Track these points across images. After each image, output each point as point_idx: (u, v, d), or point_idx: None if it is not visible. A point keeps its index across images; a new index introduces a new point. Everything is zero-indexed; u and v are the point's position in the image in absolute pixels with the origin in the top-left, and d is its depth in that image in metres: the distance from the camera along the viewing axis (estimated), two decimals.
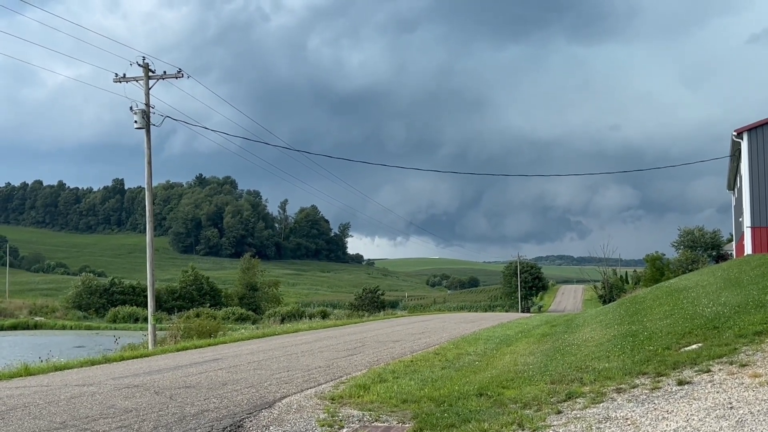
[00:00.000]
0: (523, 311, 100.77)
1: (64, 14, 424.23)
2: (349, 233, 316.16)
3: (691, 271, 44.76)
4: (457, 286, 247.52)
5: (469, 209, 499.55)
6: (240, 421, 9.56)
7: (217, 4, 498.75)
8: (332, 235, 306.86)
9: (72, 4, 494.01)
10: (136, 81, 28.93)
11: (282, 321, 62.71)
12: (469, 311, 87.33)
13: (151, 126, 28.78)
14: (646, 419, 8.35)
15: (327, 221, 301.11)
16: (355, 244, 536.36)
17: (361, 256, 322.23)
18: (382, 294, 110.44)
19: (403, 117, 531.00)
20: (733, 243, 45.18)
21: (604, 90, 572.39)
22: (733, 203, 39.10)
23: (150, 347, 26.73)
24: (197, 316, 47.71)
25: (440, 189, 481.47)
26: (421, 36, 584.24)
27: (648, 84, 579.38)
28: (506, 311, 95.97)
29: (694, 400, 8.85)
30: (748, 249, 27.22)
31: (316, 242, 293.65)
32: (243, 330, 36.35)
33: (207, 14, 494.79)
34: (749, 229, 26.94)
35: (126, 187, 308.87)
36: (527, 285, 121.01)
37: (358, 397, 11.31)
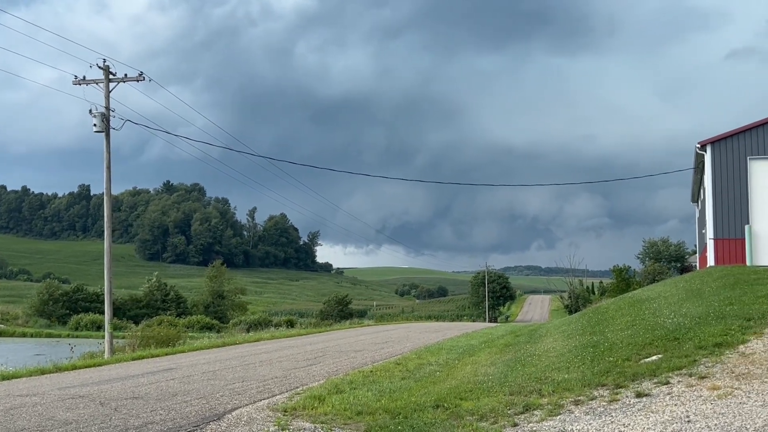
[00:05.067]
0: (490, 321, 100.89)
1: (48, 14, 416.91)
2: (319, 242, 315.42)
3: (655, 282, 45.01)
4: (425, 296, 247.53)
5: (440, 218, 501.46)
6: None
7: (206, 9, 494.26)
8: (301, 243, 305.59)
9: (57, 4, 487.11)
10: (96, 83, 28.40)
11: (248, 330, 62.03)
12: (437, 321, 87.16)
13: (111, 130, 28.24)
14: None
15: (296, 229, 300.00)
16: (325, 253, 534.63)
17: (331, 265, 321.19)
18: (350, 303, 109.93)
19: (381, 125, 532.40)
20: (697, 255, 45.53)
21: (580, 101, 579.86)
22: (697, 215, 39.40)
23: (106, 356, 26.12)
24: (159, 324, 47.00)
25: (412, 198, 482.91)
26: (403, 44, 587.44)
27: (624, 97, 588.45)
28: (473, 321, 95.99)
29: (652, 413, 8.67)
30: (711, 261, 27.34)
31: (285, 250, 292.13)
32: (204, 339, 35.77)
33: (195, 19, 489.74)
34: (712, 241, 27.07)
35: (92, 194, 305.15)
36: (495, 295, 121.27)
37: (312, 409, 10.97)
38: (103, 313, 32.59)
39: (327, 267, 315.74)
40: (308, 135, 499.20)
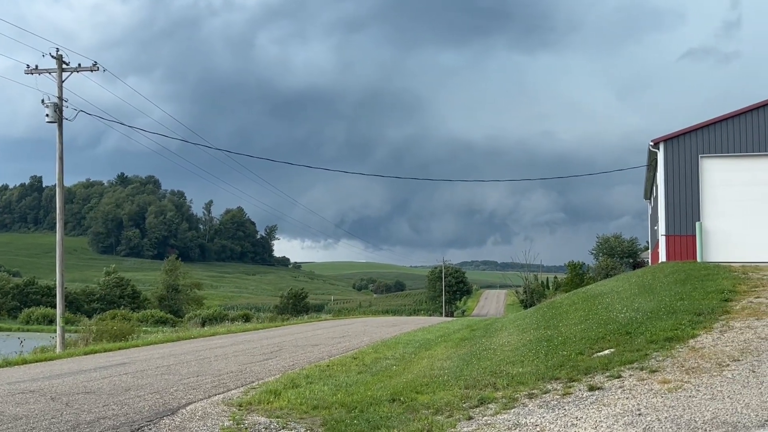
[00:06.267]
0: (447, 315, 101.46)
1: (6, 2, 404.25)
2: (276, 236, 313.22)
3: (608, 277, 45.69)
4: (383, 290, 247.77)
5: (398, 213, 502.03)
6: (138, 429, 9.07)
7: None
8: (258, 237, 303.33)
9: None
10: (49, 73, 27.82)
11: (203, 324, 61.38)
12: (394, 315, 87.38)
13: (64, 120, 27.68)
14: (555, 426, 8.24)
15: (253, 223, 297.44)
16: (282, 247, 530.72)
17: (288, 259, 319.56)
18: (306, 297, 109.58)
19: (341, 118, 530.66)
20: (649, 250, 46.31)
21: (540, 98, 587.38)
22: (650, 212, 40.06)
23: (58, 350, 25.65)
24: (113, 318, 46.31)
25: (371, 192, 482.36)
26: (365, 38, 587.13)
27: (582, 94, 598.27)
28: (430, 315, 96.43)
29: (604, 406, 8.80)
30: (662, 256, 27.81)
31: (242, 244, 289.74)
32: (159, 333, 35.33)
33: (156, 8, 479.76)
34: (664, 237, 27.55)
35: (44, 185, 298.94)
36: (451, 289, 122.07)
37: (268, 404, 10.93)
38: (54, 306, 32.03)
39: (284, 261, 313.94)
40: (268, 128, 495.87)
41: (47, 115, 27.15)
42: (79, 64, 28.37)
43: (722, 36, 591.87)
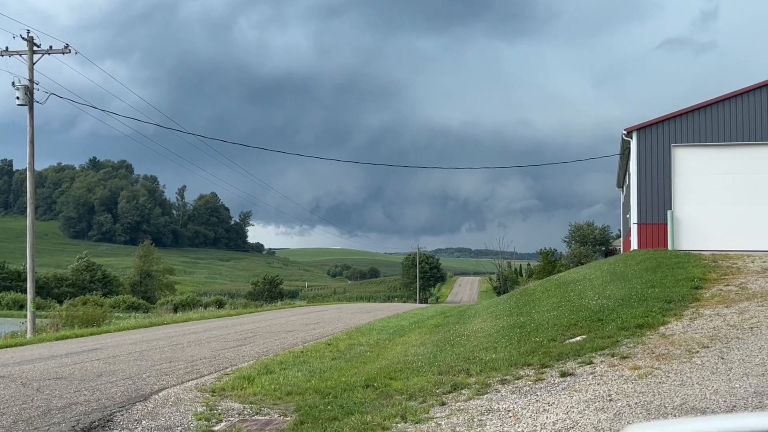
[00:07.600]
0: (421, 302, 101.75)
1: None
2: (251, 222, 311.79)
3: (581, 264, 46.05)
4: (357, 277, 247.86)
5: (373, 200, 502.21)
6: (110, 415, 9.01)
7: None
8: (232, 223, 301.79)
9: None
10: (20, 55, 27.40)
11: (175, 310, 61.02)
12: (369, 302, 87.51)
13: (35, 103, 27.29)
14: (527, 411, 8.32)
15: (227, 209, 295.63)
16: (257, 233, 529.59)
17: (262, 245, 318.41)
18: (280, 283, 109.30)
19: (319, 104, 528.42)
20: (621, 239, 46.74)
21: (517, 86, 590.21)
22: (622, 200, 40.41)
23: (29, 336, 25.40)
24: (84, 303, 45.89)
25: (346, 178, 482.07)
26: (344, 24, 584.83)
27: (559, 83, 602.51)
28: (404, 302, 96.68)
29: (576, 392, 8.89)
30: (634, 244, 28.08)
31: (216, 230, 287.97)
32: (131, 319, 35.08)
33: None
34: (635, 226, 27.81)
35: (14, 169, 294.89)
36: (426, 276, 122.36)
37: (241, 390, 10.92)
38: (25, 291, 31.67)
39: (258, 247, 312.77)
40: (245, 113, 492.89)
41: (18, 97, 26.78)
42: (51, 47, 27.97)
43: (699, 26, 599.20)
